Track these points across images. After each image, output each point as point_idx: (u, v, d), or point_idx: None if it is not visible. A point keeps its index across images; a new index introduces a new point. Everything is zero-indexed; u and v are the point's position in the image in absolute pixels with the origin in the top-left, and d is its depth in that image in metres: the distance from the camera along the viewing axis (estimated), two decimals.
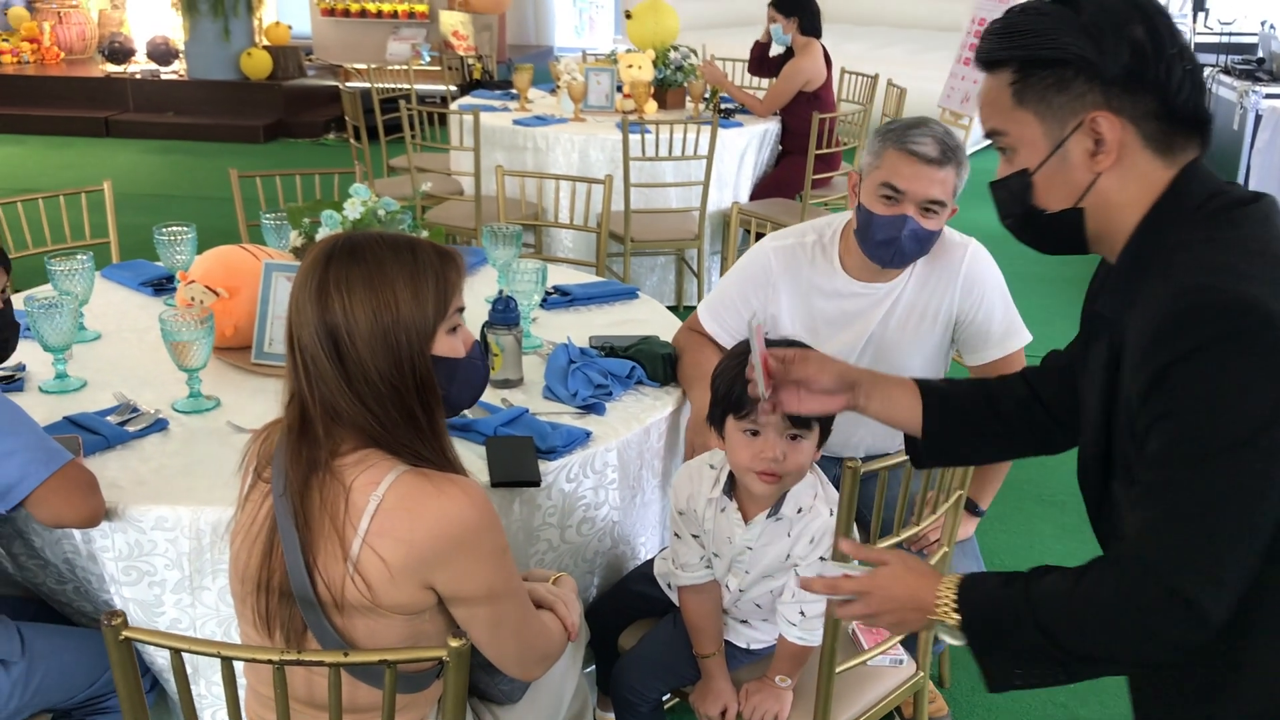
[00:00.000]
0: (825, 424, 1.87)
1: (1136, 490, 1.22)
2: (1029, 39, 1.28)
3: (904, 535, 1.92)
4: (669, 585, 2.09)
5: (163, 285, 2.86)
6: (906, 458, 1.81)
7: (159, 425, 2.08)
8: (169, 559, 1.84)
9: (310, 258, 1.46)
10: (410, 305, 1.44)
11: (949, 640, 1.36)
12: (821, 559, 1.54)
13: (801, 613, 1.93)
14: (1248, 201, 1.26)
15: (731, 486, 1.95)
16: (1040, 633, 1.24)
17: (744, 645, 2.06)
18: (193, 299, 2.34)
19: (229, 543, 1.55)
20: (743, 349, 1.89)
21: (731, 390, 1.84)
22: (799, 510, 1.91)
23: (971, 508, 2.40)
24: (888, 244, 2.21)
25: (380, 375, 1.42)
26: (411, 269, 1.44)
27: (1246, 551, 1.15)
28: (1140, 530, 1.19)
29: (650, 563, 2.17)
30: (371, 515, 1.40)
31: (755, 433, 1.84)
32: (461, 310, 1.52)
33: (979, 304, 2.33)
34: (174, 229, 2.76)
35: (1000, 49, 1.32)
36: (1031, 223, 1.36)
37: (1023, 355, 2.39)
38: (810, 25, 5.36)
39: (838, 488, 1.84)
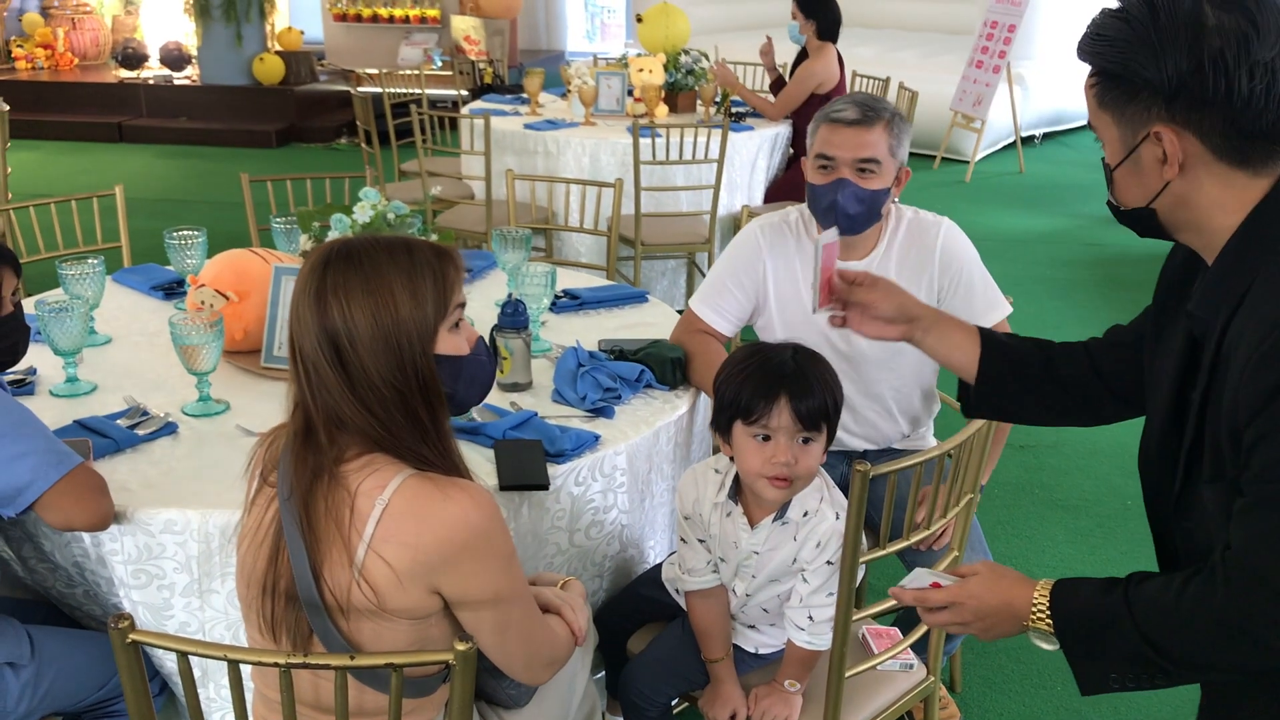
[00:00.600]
0: (831, 426, 1.87)
1: (1244, 501, 1.22)
2: (1105, 48, 1.29)
3: (914, 539, 1.91)
4: (677, 590, 2.08)
5: (173, 289, 2.87)
6: (916, 459, 1.82)
7: (168, 429, 2.08)
8: (178, 562, 1.84)
9: (307, 266, 1.46)
10: (410, 306, 1.43)
11: (1043, 645, 1.38)
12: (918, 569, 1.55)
13: (810, 617, 1.92)
14: None
15: (737, 491, 1.94)
16: (1144, 640, 1.26)
17: (752, 650, 2.05)
18: (203, 303, 2.35)
19: (236, 547, 1.55)
20: (745, 355, 1.90)
21: (739, 396, 1.83)
22: (805, 514, 1.91)
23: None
24: (830, 209, 2.31)
25: (383, 379, 1.42)
26: (409, 269, 1.44)
27: None
28: (1249, 540, 1.20)
29: (659, 567, 2.16)
30: (377, 520, 1.40)
31: (766, 437, 1.83)
32: (462, 306, 1.52)
33: (958, 278, 2.39)
34: (185, 233, 2.77)
35: (1086, 53, 1.33)
36: (1117, 209, 1.39)
37: (1007, 326, 2.42)
38: (827, 30, 5.35)
39: (845, 487, 1.84)
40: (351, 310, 1.41)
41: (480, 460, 1.99)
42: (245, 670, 1.44)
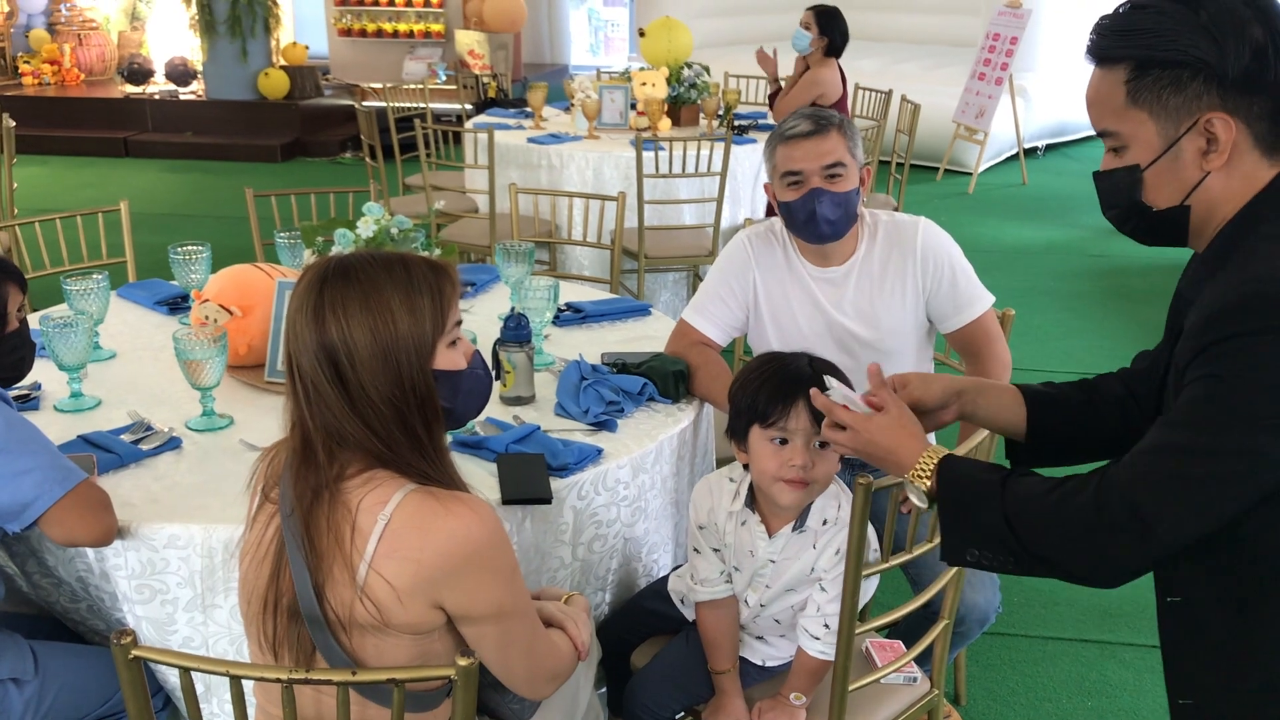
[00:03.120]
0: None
1: (1149, 437, 1.27)
2: (1148, 38, 1.29)
3: (917, 553, 1.91)
4: (683, 602, 2.08)
5: (177, 304, 2.88)
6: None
7: (172, 443, 2.09)
8: (181, 577, 1.84)
9: (303, 283, 1.46)
10: (408, 322, 1.44)
11: (916, 502, 1.47)
12: (835, 382, 1.61)
13: (826, 625, 1.91)
14: None
15: (753, 499, 1.94)
16: (1005, 521, 1.32)
17: (759, 662, 2.05)
18: (207, 318, 2.36)
19: (238, 563, 1.55)
20: (761, 362, 1.92)
21: (757, 400, 1.85)
22: (824, 522, 1.91)
23: None
24: (810, 220, 2.35)
25: (382, 395, 1.42)
26: (406, 286, 1.44)
27: (1216, 510, 1.22)
28: (1135, 473, 1.26)
29: (663, 580, 2.16)
30: (379, 536, 1.40)
31: (783, 441, 1.84)
32: (459, 323, 1.52)
33: (940, 274, 2.42)
34: (189, 248, 2.78)
35: (1117, 47, 1.32)
36: (1134, 215, 1.38)
37: (993, 316, 2.47)
38: (834, 49, 5.40)
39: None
40: (350, 327, 1.41)
41: (483, 474, 1.99)
42: (248, 686, 1.44)
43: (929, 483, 1.44)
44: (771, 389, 1.85)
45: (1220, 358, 1.21)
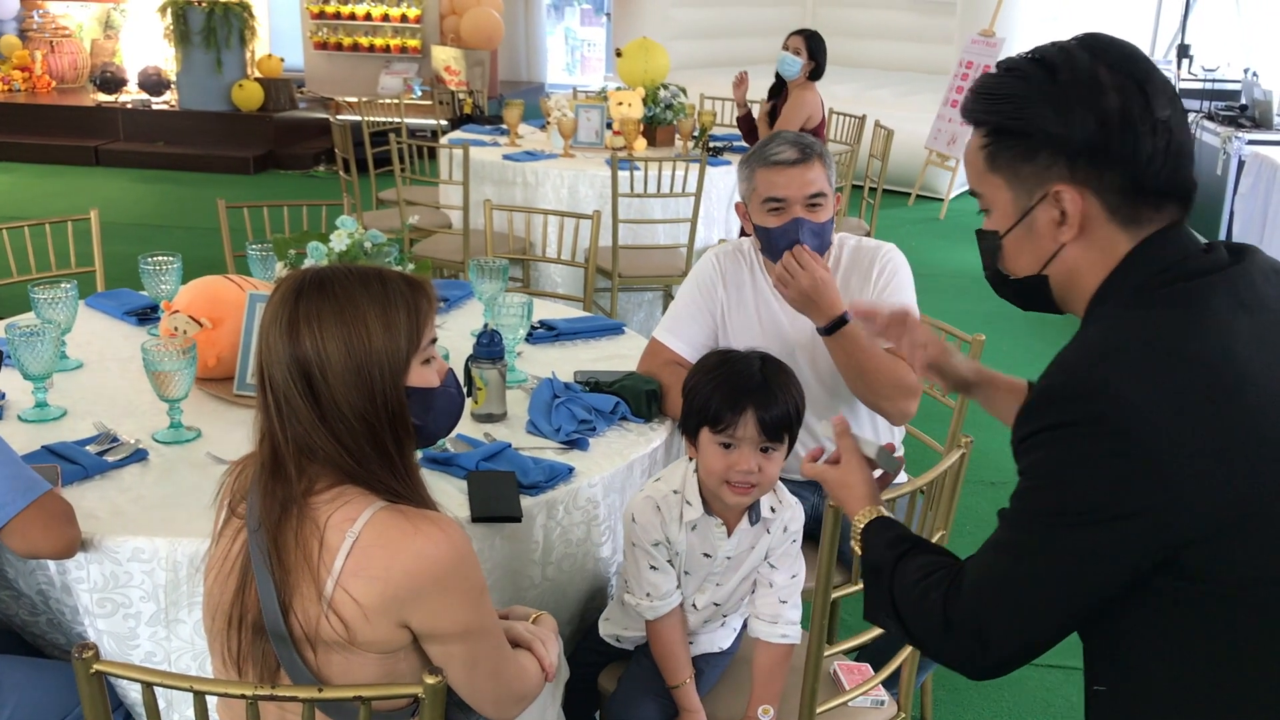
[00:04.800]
0: (793, 434, 1.93)
1: (994, 534, 1.29)
2: (1003, 104, 1.28)
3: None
4: (618, 640, 2.11)
5: (147, 315, 2.85)
6: (888, 496, 1.83)
7: (139, 455, 2.06)
8: (145, 591, 1.82)
9: (278, 294, 1.45)
10: (383, 338, 1.43)
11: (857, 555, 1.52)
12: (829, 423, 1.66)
13: (782, 601, 1.98)
14: (1199, 274, 1.23)
15: (706, 503, 1.96)
16: (890, 600, 1.37)
17: (716, 650, 2.10)
18: (176, 329, 2.33)
19: (204, 577, 1.53)
20: (715, 363, 1.96)
21: (709, 404, 1.89)
22: (772, 509, 1.99)
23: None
24: (791, 248, 2.36)
25: (354, 410, 1.41)
26: (382, 301, 1.44)
27: (1049, 614, 1.23)
28: (979, 553, 1.29)
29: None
30: (347, 553, 1.39)
31: (729, 445, 1.88)
32: (434, 340, 1.52)
33: (893, 292, 2.45)
34: (159, 258, 2.76)
35: (979, 110, 1.31)
36: (1001, 282, 1.39)
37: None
38: (818, 72, 5.52)
39: (817, 518, 1.85)
40: (324, 340, 1.40)
41: (452, 491, 1.98)
42: (211, 702, 1.42)
43: (857, 545, 1.49)
44: (723, 395, 1.89)
45: (1026, 454, 1.23)
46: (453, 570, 1.42)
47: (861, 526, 1.48)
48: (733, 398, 1.87)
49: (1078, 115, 1.22)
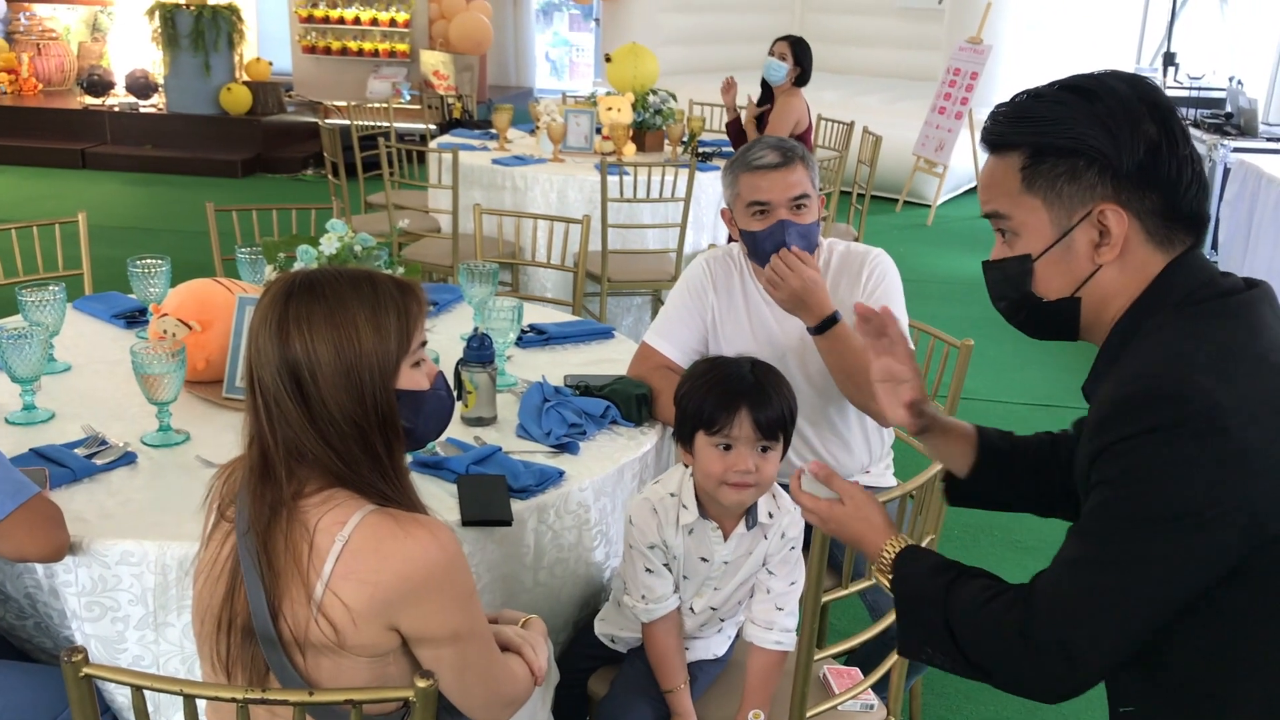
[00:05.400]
0: (788, 435, 1.94)
1: (1063, 550, 1.27)
2: (1045, 126, 1.29)
3: (875, 580, 1.91)
4: (613, 640, 2.11)
5: (135, 318, 2.84)
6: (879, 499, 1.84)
7: (127, 458, 2.06)
8: (133, 594, 1.81)
9: (268, 296, 1.44)
10: (373, 340, 1.43)
11: (885, 587, 1.45)
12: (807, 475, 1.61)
13: (778, 608, 1.98)
14: (1234, 292, 1.28)
15: (703, 507, 1.97)
16: (947, 629, 1.31)
17: (711, 656, 2.10)
18: (165, 332, 2.33)
19: (193, 581, 1.53)
20: (705, 368, 1.97)
21: (702, 408, 1.90)
22: (770, 515, 1.98)
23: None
24: (777, 250, 2.36)
25: (343, 412, 1.41)
26: (373, 303, 1.44)
27: (1135, 622, 1.21)
28: (1053, 570, 1.26)
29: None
30: (337, 557, 1.38)
31: (728, 447, 1.89)
32: (424, 344, 1.52)
33: (882, 296, 2.45)
34: (148, 261, 2.75)
35: (1013, 133, 1.32)
36: (1025, 307, 1.38)
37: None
38: (805, 77, 5.53)
39: (808, 525, 1.85)
40: (314, 342, 1.40)
41: (443, 495, 1.98)
42: (200, 706, 1.41)
43: (888, 577, 1.43)
44: (716, 397, 1.89)
45: (1111, 462, 1.21)
46: (442, 573, 1.42)
47: (892, 557, 1.42)
48: (726, 399, 1.88)
49: (1125, 137, 1.25)
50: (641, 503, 2.00)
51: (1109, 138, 1.26)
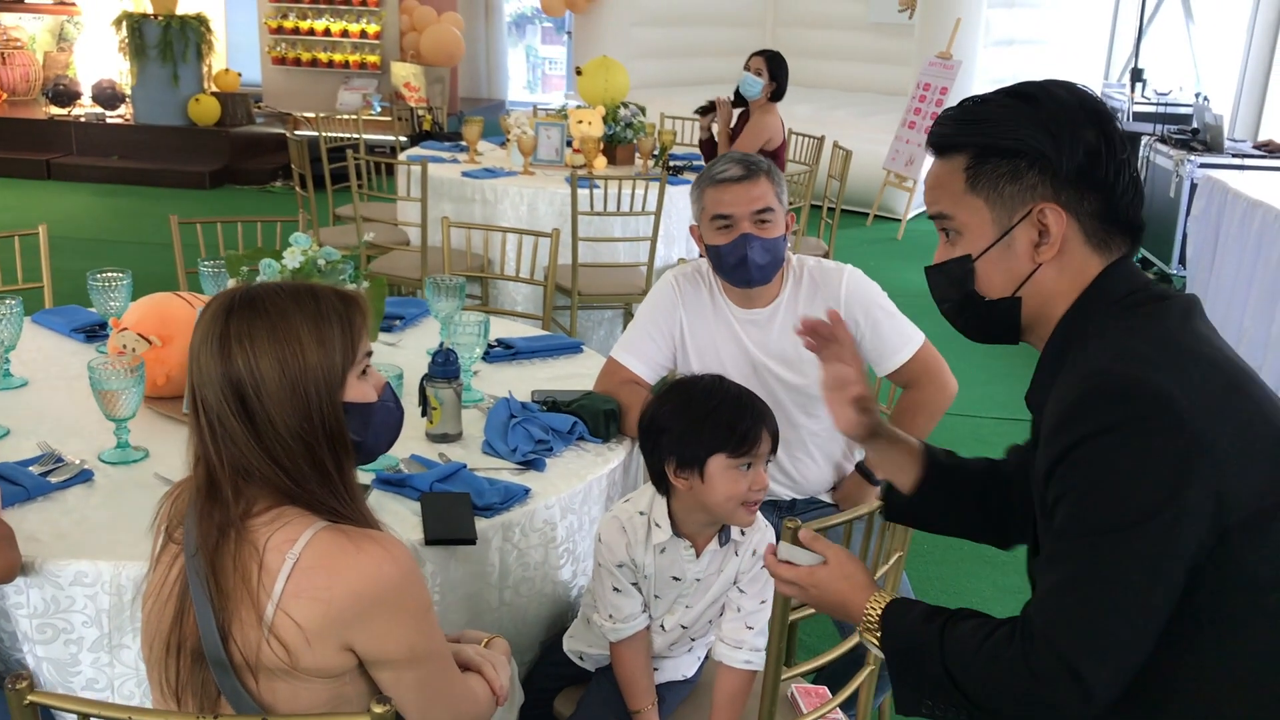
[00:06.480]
0: (773, 447, 1.92)
1: (1040, 560, 1.27)
2: (989, 127, 1.33)
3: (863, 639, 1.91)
4: (581, 658, 2.08)
5: (95, 332, 2.80)
6: (846, 516, 1.84)
7: (83, 476, 2.02)
8: (87, 616, 1.77)
9: (208, 313, 1.42)
10: (317, 353, 1.40)
11: (872, 649, 1.43)
12: (780, 542, 1.57)
13: (748, 627, 1.96)
14: (1167, 297, 1.32)
15: (675, 525, 1.94)
16: (947, 674, 1.29)
17: (680, 677, 2.08)
18: (124, 347, 2.29)
19: (141, 605, 1.49)
20: (703, 393, 1.91)
21: (729, 432, 1.84)
22: (741, 532, 1.97)
23: (868, 476, 2.50)
24: (741, 264, 2.37)
25: (290, 429, 1.38)
26: (315, 316, 1.41)
27: (1135, 630, 1.20)
28: (1040, 598, 1.25)
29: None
30: (288, 575, 1.35)
31: (749, 465, 1.87)
32: (370, 354, 1.49)
33: (865, 319, 2.45)
34: (109, 274, 2.70)
35: (958, 135, 1.35)
36: (968, 308, 1.40)
37: (930, 351, 2.51)
38: (780, 93, 5.57)
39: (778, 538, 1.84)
40: (257, 358, 1.37)
41: (406, 514, 1.95)
42: None
43: (876, 635, 1.40)
44: (736, 419, 1.85)
45: (1072, 469, 1.22)
46: (396, 589, 1.39)
47: (879, 612, 1.40)
48: (747, 419, 1.86)
49: (1066, 139, 1.29)
50: (610, 520, 1.98)
51: (1050, 140, 1.29)
